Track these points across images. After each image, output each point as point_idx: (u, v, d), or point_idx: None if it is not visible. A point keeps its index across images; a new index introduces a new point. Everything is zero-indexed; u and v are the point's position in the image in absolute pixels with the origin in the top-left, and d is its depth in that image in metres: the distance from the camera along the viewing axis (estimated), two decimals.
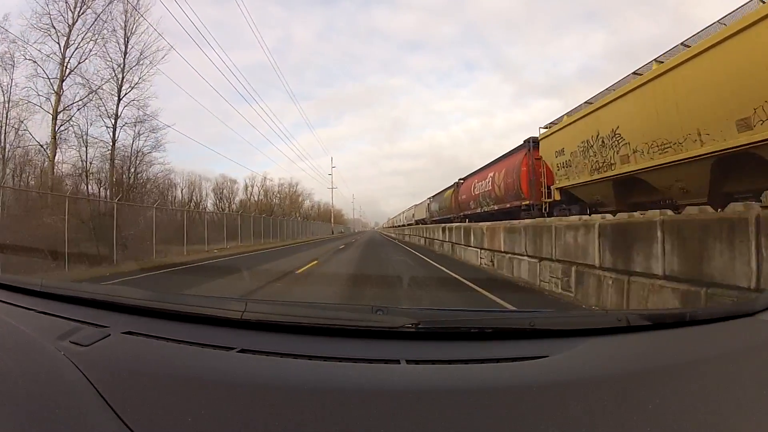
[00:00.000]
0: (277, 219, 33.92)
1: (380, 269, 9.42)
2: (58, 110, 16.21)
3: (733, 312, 0.98)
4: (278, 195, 57.84)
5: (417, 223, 37.28)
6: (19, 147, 17.02)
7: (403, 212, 51.75)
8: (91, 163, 18.03)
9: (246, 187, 51.26)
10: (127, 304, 1.01)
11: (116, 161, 18.62)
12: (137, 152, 20.25)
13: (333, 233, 58.50)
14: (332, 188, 64.26)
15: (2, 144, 16.56)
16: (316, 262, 11.26)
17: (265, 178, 52.69)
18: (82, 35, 16.46)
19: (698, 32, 5.67)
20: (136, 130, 18.90)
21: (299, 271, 9.08)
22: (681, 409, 0.62)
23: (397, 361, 0.74)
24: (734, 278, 2.94)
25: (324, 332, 0.86)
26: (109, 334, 0.83)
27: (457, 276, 7.92)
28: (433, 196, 29.31)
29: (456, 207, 20.55)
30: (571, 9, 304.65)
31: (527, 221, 7.76)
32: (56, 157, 16.61)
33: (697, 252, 3.27)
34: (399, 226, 58.72)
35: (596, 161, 7.69)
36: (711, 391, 0.66)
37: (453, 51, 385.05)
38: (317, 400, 0.61)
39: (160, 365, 0.74)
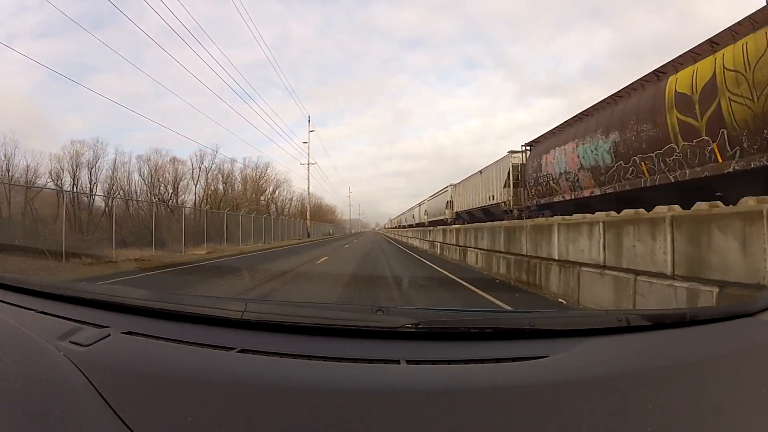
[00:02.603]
0: (218, 215, 22.45)
1: None
2: None
3: (733, 312, 0.96)
4: (241, 180, 41.53)
5: (454, 220, 21.47)
6: None
7: (421, 203, 34.52)
8: None
9: (192, 167, 36.63)
10: (127, 304, 1.00)
11: None
12: None
13: (309, 236, 38.32)
14: (309, 163, 39.49)
15: None
16: None
17: (216, 152, 36.92)
18: None
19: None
20: None
21: None
22: (681, 409, 0.61)
23: (397, 361, 0.73)
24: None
25: (324, 332, 0.85)
26: (109, 334, 0.82)
27: None
28: (534, 143, 12.73)
29: None
30: (574, 6, 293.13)
31: None
32: None
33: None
34: (406, 226, 41.69)
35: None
36: (711, 391, 0.66)
37: (454, 49, 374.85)
38: (317, 400, 0.61)
39: (160, 365, 0.73)
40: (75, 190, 27.17)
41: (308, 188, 41.70)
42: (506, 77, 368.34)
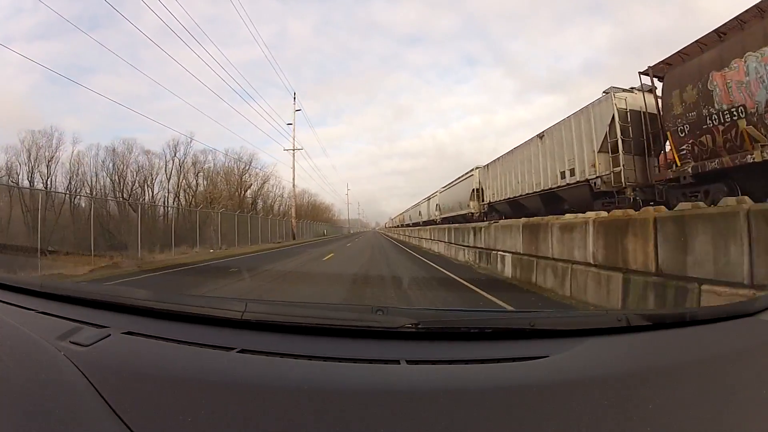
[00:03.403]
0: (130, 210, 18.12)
1: None
2: None
3: (733, 312, 0.96)
4: (222, 174, 36.02)
5: (484, 214, 15.89)
6: None
7: (430, 197, 28.19)
8: None
9: (167, 160, 32.88)
10: (127, 304, 1.00)
11: None
12: None
13: (295, 238, 31.14)
14: (294, 149, 32.09)
15: None
16: None
17: (191, 139, 31.84)
18: None
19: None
20: None
21: None
22: (681, 409, 0.61)
23: (397, 362, 0.73)
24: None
25: (324, 332, 0.85)
26: (109, 335, 0.82)
27: None
28: None
29: None
30: (575, 1, 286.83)
31: None
32: None
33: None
34: (410, 225, 35.78)
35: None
36: (711, 391, 0.66)
37: (454, 45, 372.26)
38: (317, 401, 0.61)
39: (160, 365, 0.73)
40: None
41: (293, 179, 33.39)
42: (506, 74, 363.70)
